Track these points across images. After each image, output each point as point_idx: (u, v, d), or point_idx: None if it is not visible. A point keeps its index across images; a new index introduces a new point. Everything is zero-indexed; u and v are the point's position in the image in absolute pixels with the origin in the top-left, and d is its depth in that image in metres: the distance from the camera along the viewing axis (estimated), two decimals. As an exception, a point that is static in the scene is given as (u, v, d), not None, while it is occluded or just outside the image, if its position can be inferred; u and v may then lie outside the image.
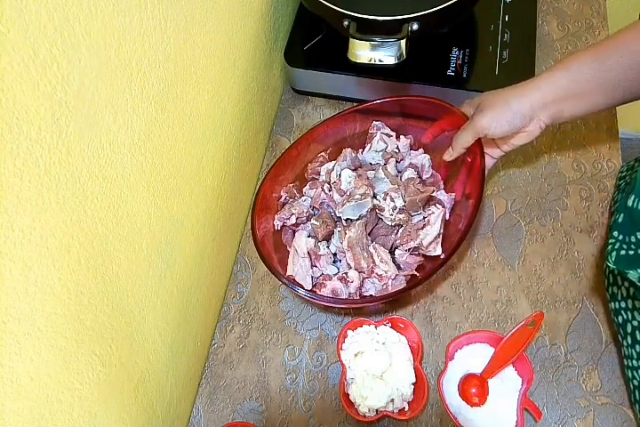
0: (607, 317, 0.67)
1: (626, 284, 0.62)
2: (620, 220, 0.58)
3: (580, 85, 0.57)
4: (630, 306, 0.61)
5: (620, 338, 0.62)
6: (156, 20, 0.44)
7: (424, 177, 0.72)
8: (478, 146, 0.63)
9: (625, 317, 0.62)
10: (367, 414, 0.61)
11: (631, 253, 0.55)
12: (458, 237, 0.61)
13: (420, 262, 0.66)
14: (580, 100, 0.58)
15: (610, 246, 0.57)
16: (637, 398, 0.60)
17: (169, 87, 0.49)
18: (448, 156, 0.66)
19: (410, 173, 0.70)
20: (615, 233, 0.57)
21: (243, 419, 0.66)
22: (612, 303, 0.64)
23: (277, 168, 0.70)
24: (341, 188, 0.68)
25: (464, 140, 0.62)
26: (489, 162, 0.68)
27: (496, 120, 0.59)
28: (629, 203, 0.56)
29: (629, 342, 0.61)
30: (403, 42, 0.63)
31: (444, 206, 0.67)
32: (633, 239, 0.55)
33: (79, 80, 0.35)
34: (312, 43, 0.80)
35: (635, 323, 0.60)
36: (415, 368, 0.63)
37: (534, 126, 0.60)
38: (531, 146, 0.71)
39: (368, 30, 0.64)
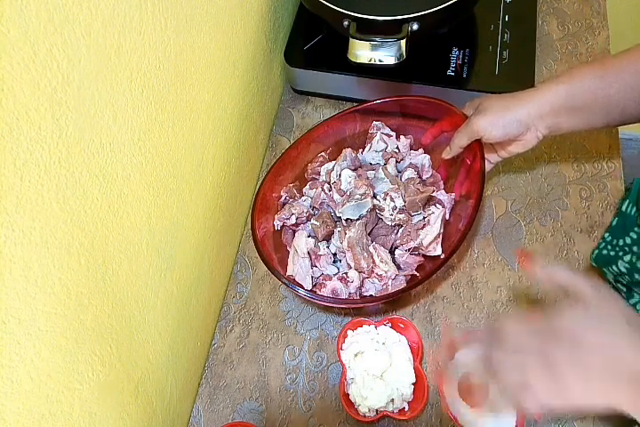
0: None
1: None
2: (614, 223, 0.58)
3: (579, 100, 0.56)
4: None
5: None
6: (156, 19, 0.44)
7: (424, 177, 0.72)
8: (478, 146, 0.63)
9: None
10: (367, 414, 0.61)
11: (612, 253, 0.55)
12: (458, 237, 0.61)
13: (420, 262, 0.66)
14: (578, 114, 0.57)
15: (597, 246, 0.57)
16: None
17: (169, 87, 0.49)
18: (446, 154, 0.66)
19: (410, 173, 0.70)
20: (607, 235, 0.58)
21: (243, 419, 0.66)
22: None
23: (277, 168, 0.70)
24: (341, 188, 0.68)
25: (460, 140, 0.63)
26: (486, 166, 0.68)
27: (492, 124, 0.59)
28: (623, 208, 0.57)
29: None
30: (403, 42, 0.63)
31: (443, 206, 0.67)
32: (620, 242, 0.55)
33: (79, 80, 0.35)
34: (312, 43, 0.80)
35: None
36: (415, 368, 0.63)
37: (531, 136, 0.60)
38: (531, 146, 0.72)
39: (368, 30, 0.64)
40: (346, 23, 0.66)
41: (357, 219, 0.66)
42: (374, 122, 0.73)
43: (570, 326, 0.45)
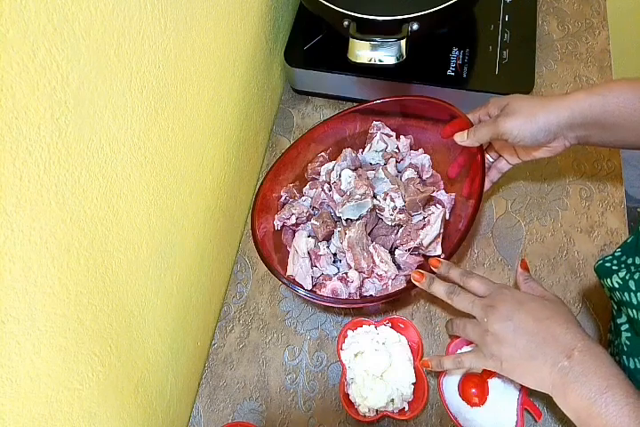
0: (607, 317, 0.67)
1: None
2: (629, 240, 0.57)
3: (611, 117, 0.54)
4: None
5: None
6: (155, 19, 0.44)
7: (424, 177, 0.72)
8: (478, 148, 0.63)
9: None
10: (367, 414, 0.61)
11: (615, 267, 0.54)
12: (458, 237, 0.61)
13: (420, 262, 0.66)
14: (609, 131, 0.56)
15: (603, 257, 0.56)
16: None
17: (169, 87, 0.49)
18: (459, 139, 0.63)
19: (410, 173, 0.70)
20: (618, 250, 0.56)
21: (243, 419, 0.66)
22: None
23: (277, 168, 0.70)
24: (341, 188, 0.68)
25: (482, 135, 0.61)
26: (504, 167, 0.67)
27: (519, 129, 0.57)
28: None
29: None
30: (403, 42, 0.63)
31: (443, 206, 0.67)
32: (629, 261, 0.54)
33: (79, 80, 0.35)
34: (312, 43, 0.80)
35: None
36: (415, 368, 0.63)
37: (559, 143, 0.58)
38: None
39: (368, 30, 0.64)
40: (346, 23, 0.66)
41: (357, 219, 0.66)
42: (374, 122, 0.73)
43: (521, 295, 0.55)
